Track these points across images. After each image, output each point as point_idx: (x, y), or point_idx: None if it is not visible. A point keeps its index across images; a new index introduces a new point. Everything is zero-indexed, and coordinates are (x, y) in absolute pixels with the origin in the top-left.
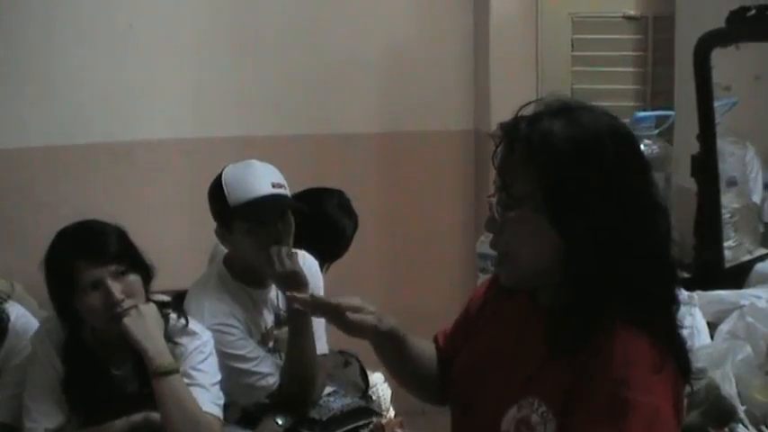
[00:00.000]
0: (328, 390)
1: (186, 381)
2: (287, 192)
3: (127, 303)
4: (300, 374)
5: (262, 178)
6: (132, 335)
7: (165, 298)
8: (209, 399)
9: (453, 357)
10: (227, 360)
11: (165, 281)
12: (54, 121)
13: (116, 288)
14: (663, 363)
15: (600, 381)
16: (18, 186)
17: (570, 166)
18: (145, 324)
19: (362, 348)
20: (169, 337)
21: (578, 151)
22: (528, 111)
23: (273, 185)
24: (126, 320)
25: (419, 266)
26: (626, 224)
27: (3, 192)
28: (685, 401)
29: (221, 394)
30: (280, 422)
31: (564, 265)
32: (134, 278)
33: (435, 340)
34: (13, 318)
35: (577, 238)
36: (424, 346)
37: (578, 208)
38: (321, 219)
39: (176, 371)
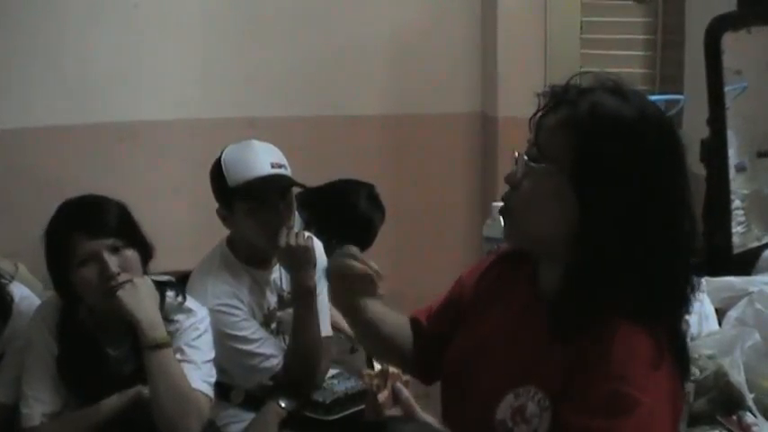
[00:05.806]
0: (332, 372)
1: (178, 357)
2: (287, 171)
3: (122, 278)
4: (304, 356)
5: (261, 158)
6: (126, 307)
7: (167, 278)
8: (199, 376)
9: (439, 338)
10: (229, 341)
11: (171, 262)
12: (59, 100)
13: (112, 261)
14: (661, 359)
15: (599, 373)
16: (23, 166)
17: (609, 140)
18: (139, 296)
19: None
20: (165, 315)
21: (620, 128)
22: (581, 81)
23: (273, 165)
24: (120, 293)
25: (425, 249)
26: (648, 212)
27: (7, 171)
28: (692, 390)
29: (213, 372)
30: (283, 405)
31: (574, 240)
32: (131, 254)
33: (415, 320)
34: (17, 299)
35: (596, 211)
36: (396, 323)
37: (606, 180)
38: (351, 211)
39: (168, 345)
